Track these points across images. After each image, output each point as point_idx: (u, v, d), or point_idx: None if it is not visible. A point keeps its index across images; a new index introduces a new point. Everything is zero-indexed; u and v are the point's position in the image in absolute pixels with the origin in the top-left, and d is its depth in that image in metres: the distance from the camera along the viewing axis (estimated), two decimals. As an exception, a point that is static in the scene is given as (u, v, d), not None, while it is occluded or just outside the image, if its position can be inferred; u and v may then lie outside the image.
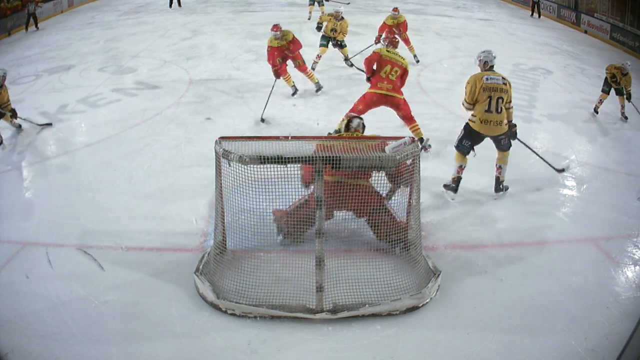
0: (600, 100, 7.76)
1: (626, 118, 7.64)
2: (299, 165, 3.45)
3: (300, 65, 7.85)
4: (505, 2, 19.03)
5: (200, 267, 3.84)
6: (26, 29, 13.82)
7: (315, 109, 7.47)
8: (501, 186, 5.18)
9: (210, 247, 4.03)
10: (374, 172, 3.88)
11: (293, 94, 7.92)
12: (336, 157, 3.35)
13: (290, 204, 3.96)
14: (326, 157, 3.33)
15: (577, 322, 3.53)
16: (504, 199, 5.15)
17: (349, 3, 15.41)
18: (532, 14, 16.45)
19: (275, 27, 7.53)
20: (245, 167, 3.51)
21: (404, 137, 3.62)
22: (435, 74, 9.35)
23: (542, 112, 7.66)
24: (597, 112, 7.74)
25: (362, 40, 11.72)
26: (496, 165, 5.16)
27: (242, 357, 3.25)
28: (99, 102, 7.90)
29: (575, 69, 10.30)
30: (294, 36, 7.64)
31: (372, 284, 3.66)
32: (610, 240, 4.53)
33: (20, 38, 13.14)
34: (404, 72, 5.95)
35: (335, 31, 9.11)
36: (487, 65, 5.03)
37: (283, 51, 7.52)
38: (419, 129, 6.06)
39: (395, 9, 9.74)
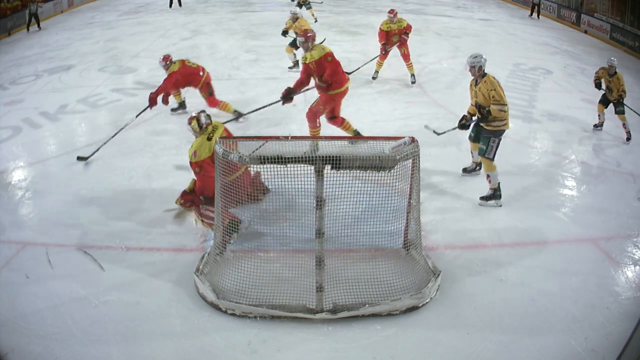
0: (599, 114, 6.98)
1: (628, 139, 6.65)
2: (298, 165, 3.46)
3: (207, 98, 6.89)
4: (505, 2, 19.02)
5: (200, 267, 3.84)
6: (27, 28, 13.81)
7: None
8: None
9: (210, 247, 4.04)
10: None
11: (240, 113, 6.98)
12: (336, 157, 3.35)
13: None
14: (326, 157, 3.34)
15: (577, 322, 3.53)
16: (504, 198, 5.15)
17: (322, 2, 15.24)
18: (532, 14, 16.42)
19: (164, 58, 6.84)
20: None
21: (404, 137, 3.62)
22: (435, 74, 9.35)
23: (542, 112, 7.66)
24: (595, 127, 7.01)
25: (362, 41, 11.74)
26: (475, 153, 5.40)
27: (242, 357, 3.26)
28: (99, 102, 7.89)
29: (575, 69, 10.30)
30: (174, 72, 6.63)
31: (372, 284, 3.66)
32: (610, 240, 4.53)
33: (21, 38, 13.13)
34: None
35: (297, 34, 8.62)
36: (481, 70, 4.85)
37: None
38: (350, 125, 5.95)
39: (391, 11, 8.34)
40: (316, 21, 13.39)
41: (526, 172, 5.73)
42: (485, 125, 4.93)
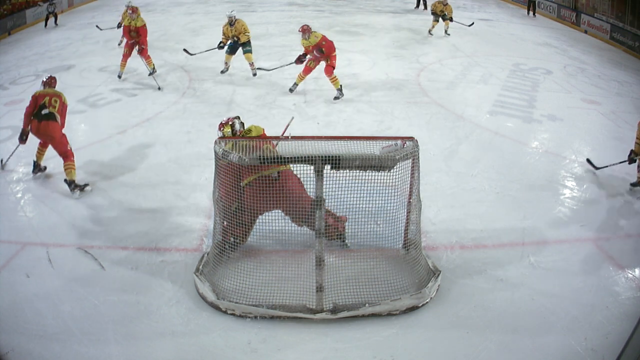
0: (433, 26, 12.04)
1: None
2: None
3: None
4: (505, 2, 19.00)
5: (200, 267, 3.84)
6: (45, 24, 14.19)
7: (316, 109, 7.48)
8: None
9: (210, 247, 4.04)
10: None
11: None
12: (336, 157, 3.35)
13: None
14: (326, 157, 3.34)
15: (577, 322, 3.53)
16: (504, 199, 5.16)
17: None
18: (529, 13, 16.46)
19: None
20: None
21: (398, 139, 3.61)
22: (435, 74, 9.35)
23: (542, 112, 7.66)
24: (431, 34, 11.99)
25: (362, 41, 11.74)
26: None
27: (242, 356, 3.26)
28: (99, 102, 7.89)
29: (575, 69, 10.29)
30: None
31: (372, 284, 3.66)
32: (610, 240, 4.53)
33: (21, 38, 13.11)
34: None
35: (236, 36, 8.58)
36: None
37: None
38: None
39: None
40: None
41: (526, 172, 5.73)
42: None
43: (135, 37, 8.59)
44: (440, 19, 12.20)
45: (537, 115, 7.55)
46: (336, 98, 7.78)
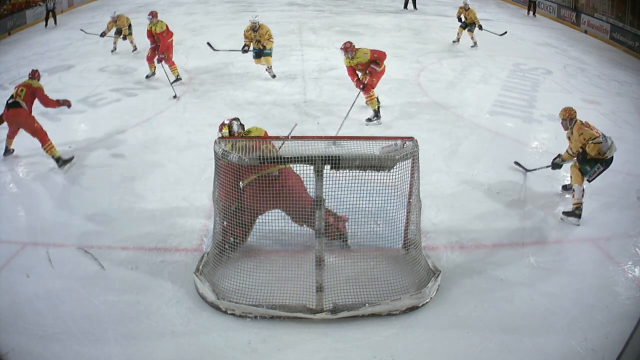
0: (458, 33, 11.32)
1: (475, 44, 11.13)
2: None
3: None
4: (505, 2, 18.99)
5: (200, 267, 3.84)
6: (46, 24, 14.14)
7: (316, 109, 7.48)
8: None
9: (210, 247, 4.04)
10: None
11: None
12: (336, 156, 3.35)
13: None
14: (326, 157, 3.34)
15: (577, 322, 3.53)
16: (504, 199, 5.15)
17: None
18: (529, 13, 16.50)
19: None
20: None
21: (397, 140, 3.61)
22: (435, 74, 9.35)
23: (542, 112, 7.66)
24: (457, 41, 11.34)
25: (362, 41, 11.72)
26: None
27: (242, 356, 3.26)
28: (99, 102, 7.89)
29: (575, 69, 10.29)
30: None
31: (372, 284, 3.66)
32: (610, 240, 4.53)
33: (21, 38, 13.12)
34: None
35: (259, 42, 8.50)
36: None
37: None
38: None
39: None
40: (135, 49, 11.09)
41: (526, 172, 5.73)
42: None
43: (157, 42, 8.38)
44: (467, 29, 11.14)
45: (537, 115, 7.54)
46: (369, 120, 6.92)
